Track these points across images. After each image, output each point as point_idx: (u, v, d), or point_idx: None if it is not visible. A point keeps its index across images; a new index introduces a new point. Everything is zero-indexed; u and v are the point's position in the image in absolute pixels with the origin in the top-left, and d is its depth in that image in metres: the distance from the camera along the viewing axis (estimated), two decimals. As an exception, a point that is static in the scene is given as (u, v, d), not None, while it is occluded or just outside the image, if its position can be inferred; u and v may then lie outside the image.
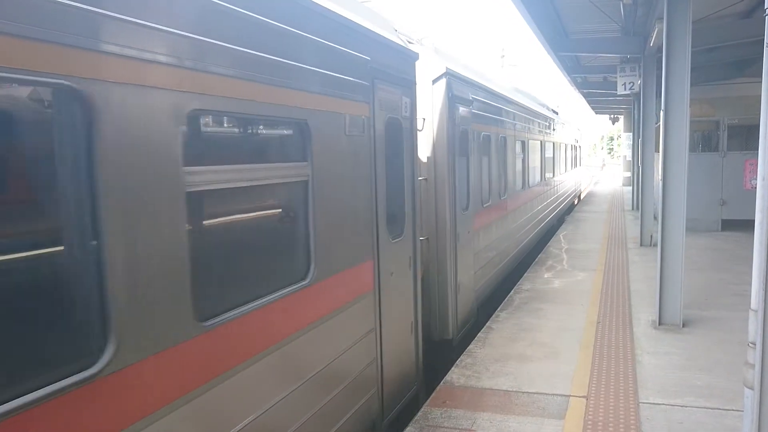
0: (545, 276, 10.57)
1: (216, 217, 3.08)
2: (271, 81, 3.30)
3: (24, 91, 2.05)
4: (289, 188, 3.66)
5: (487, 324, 7.71)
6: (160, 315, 2.52)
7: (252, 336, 3.15)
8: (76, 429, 2.12)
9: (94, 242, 2.22)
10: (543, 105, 17.09)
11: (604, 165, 72.47)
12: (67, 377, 2.08)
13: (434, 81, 6.85)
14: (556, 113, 19.29)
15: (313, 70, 3.75)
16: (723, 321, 7.52)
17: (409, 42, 5.97)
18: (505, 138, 10.23)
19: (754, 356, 3.48)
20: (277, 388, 3.38)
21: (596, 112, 39.48)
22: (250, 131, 3.49)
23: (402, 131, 5.39)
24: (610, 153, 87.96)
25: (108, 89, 2.24)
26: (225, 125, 3.27)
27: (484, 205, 8.76)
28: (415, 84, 5.73)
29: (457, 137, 7.23)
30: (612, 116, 40.55)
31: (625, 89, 14.97)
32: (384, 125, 4.92)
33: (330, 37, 3.97)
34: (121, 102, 2.30)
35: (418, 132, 5.86)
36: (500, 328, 7.49)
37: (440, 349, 6.99)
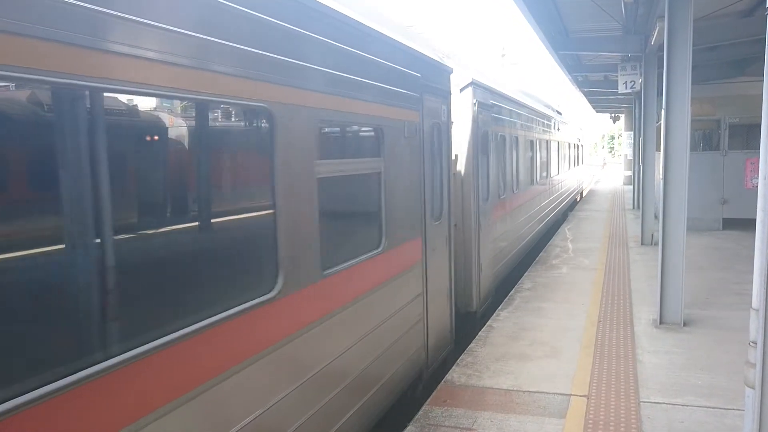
0: (546, 275, 10.57)
1: (329, 198, 4.11)
2: (362, 97, 4.48)
3: (244, 111, 3.26)
4: (371, 177, 4.82)
5: (487, 323, 7.72)
6: (303, 264, 3.67)
7: (347, 286, 4.30)
8: (262, 333, 3.25)
9: (273, 211, 3.39)
10: (548, 106, 17.99)
11: (605, 164, 72.42)
12: (260, 296, 3.24)
13: (461, 89, 7.88)
14: (560, 114, 20.30)
15: (386, 87, 4.95)
16: (724, 320, 7.51)
17: (443, 57, 6.85)
18: (517, 138, 11.46)
19: (755, 355, 3.48)
20: (361, 328, 4.51)
21: (597, 111, 39.43)
22: (348, 135, 4.71)
23: (441, 133, 6.45)
24: (611, 152, 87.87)
25: (282, 108, 3.41)
26: (333, 130, 4.40)
27: (501, 198, 9.91)
28: (450, 93, 6.81)
29: (480, 137, 8.26)
30: (613, 115, 40.48)
31: (626, 88, 14.94)
32: (429, 129, 6.04)
33: (395, 61, 5.15)
34: (287, 116, 3.46)
35: None
36: (501, 327, 7.50)
37: (465, 321, 8.02)
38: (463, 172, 7.85)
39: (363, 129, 4.79)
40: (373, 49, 4.66)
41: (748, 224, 13.38)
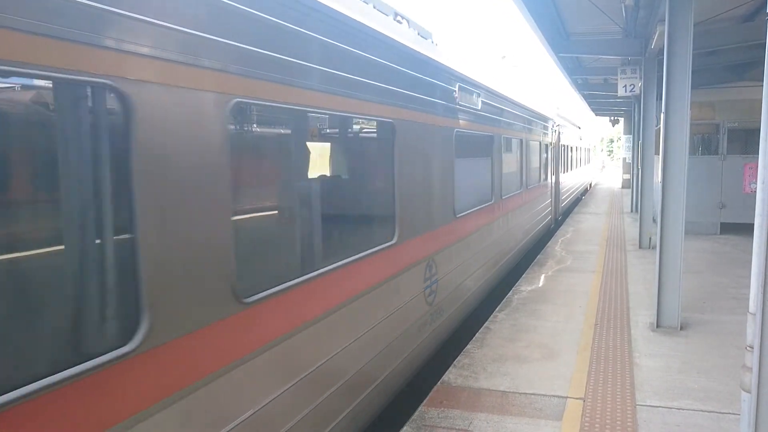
0: (544, 277, 10.57)
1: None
2: (536, 133, 13.69)
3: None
4: (546, 159, 15.59)
5: (485, 324, 7.72)
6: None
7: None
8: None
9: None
10: (574, 125, 26.80)
11: (603, 167, 72.41)
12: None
13: (553, 125, 16.63)
14: (579, 128, 29.85)
15: (545, 131, 15.46)
16: (721, 324, 7.52)
17: (548, 109, 15.65)
18: (566, 145, 21.28)
19: (751, 359, 3.48)
20: (531, 209, 13.13)
21: (596, 114, 39.41)
22: (529, 149, 12.77)
23: (553, 145, 16.85)
24: (609, 155, 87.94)
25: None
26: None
27: (563, 173, 19.76)
28: (553, 129, 16.76)
29: (558, 147, 17.97)
30: (612, 118, 40.48)
31: (625, 91, 14.95)
32: (553, 144, 17.07)
33: (546, 121, 15.47)
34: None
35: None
36: (498, 329, 7.49)
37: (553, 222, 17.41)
38: (554, 160, 17.01)
39: (542, 146, 14.34)
40: (541, 116, 14.10)
41: (746, 229, 13.36)
